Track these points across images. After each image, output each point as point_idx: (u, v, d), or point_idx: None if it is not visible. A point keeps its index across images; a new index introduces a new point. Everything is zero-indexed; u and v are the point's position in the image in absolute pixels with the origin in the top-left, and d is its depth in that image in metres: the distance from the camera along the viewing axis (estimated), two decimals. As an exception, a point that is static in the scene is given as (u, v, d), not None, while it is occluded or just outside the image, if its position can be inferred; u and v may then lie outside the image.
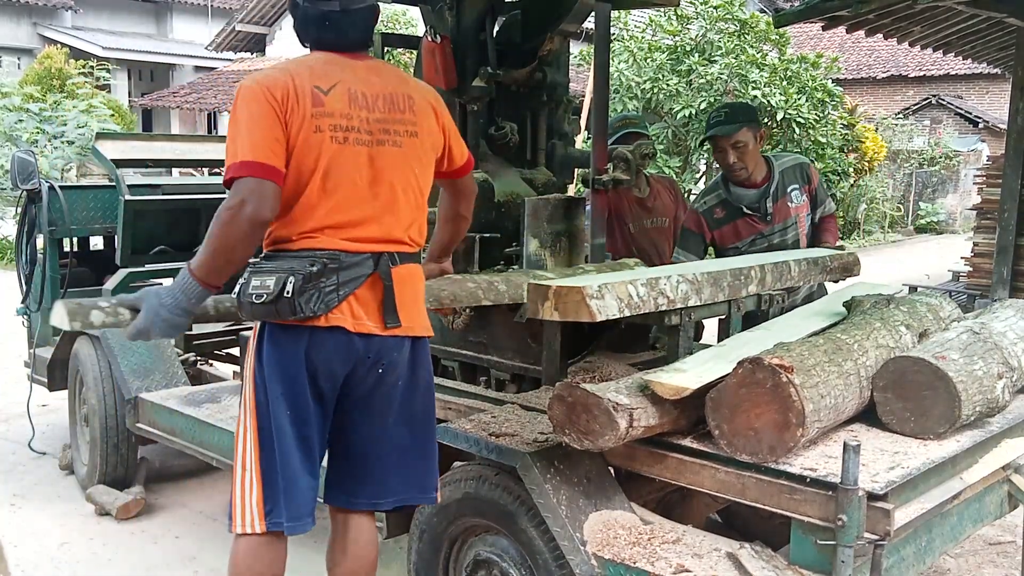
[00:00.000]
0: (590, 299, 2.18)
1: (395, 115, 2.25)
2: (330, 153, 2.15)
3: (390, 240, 2.23)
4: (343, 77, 2.20)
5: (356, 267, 2.17)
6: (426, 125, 2.32)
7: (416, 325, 2.29)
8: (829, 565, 1.90)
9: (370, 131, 2.21)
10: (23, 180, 4.53)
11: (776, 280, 2.83)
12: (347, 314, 2.16)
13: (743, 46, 13.16)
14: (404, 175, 2.26)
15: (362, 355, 2.20)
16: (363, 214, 2.19)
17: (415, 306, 2.30)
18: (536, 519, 2.23)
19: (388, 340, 2.22)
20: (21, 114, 12.42)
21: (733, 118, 3.52)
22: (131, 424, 3.97)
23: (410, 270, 2.28)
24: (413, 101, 2.30)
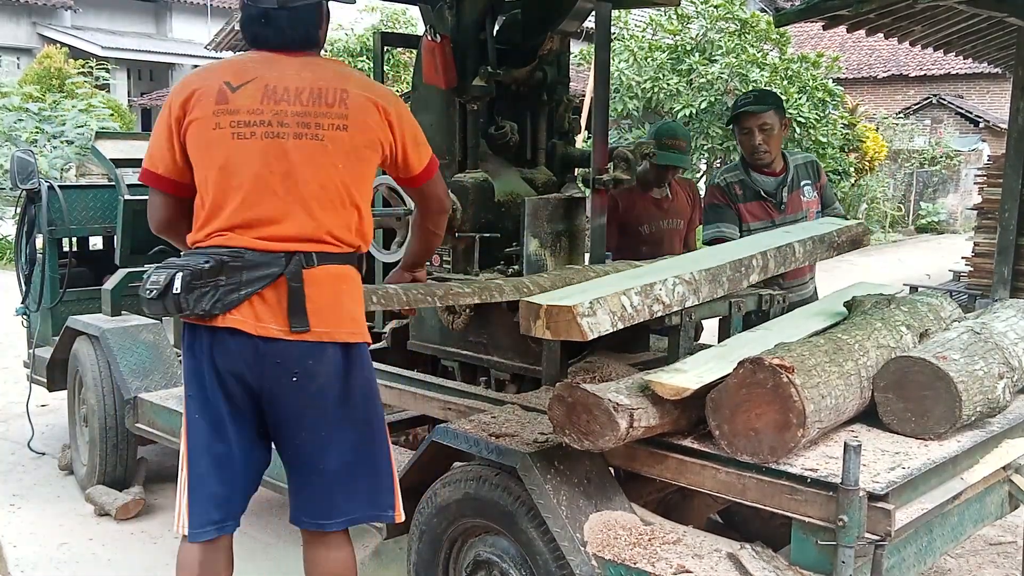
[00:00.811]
0: (581, 317, 2.15)
1: (320, 108, 2.14)
2: (231, 149, 2.11)
3: (307, 239, 2.12)
4: (263, 73, 2.15)
5: (262, 267, 2.08)
6: (360, 119, 2.16)
7: (337, 330, 2.15)
8: (830, 565, 1.89)
9: (284, 123, 2.12)
10: (22, 180, 4.53)
11: (780, 265, 2.78)
12: (248, 315, 2.08)
13: (744, 45, 13.16)
14: (325, 170, 2.14)
15: (270, 360, 2.11)
16: (274, 210, 2.11)
17: (335, 310, 2.15)
18: (536, 519, 2.23)
19: (298, 345, 2.11)
20: (20, 114, 12.42)
21: (763, 100, 3.63)
22: (130, 424, 3.96)
23: (330, 271, 2.14)
24: (347, 95, 2.16)
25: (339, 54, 14.82)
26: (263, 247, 2.10)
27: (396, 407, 3.46)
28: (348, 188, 2.18)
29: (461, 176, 3.22)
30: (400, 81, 13.70)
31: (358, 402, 2.22)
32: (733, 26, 13.55)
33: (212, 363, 2.14)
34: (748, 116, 3.60)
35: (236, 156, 2.11)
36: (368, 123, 2.18)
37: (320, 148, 2.13)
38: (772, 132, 3.58)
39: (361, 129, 2.17)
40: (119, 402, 4.00)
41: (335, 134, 2.14)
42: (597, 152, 3.04)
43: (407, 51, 11.71)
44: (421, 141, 2.33)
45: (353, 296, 2.22)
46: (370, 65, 14.10)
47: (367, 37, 14.55)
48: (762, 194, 3.64)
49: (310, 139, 2.13)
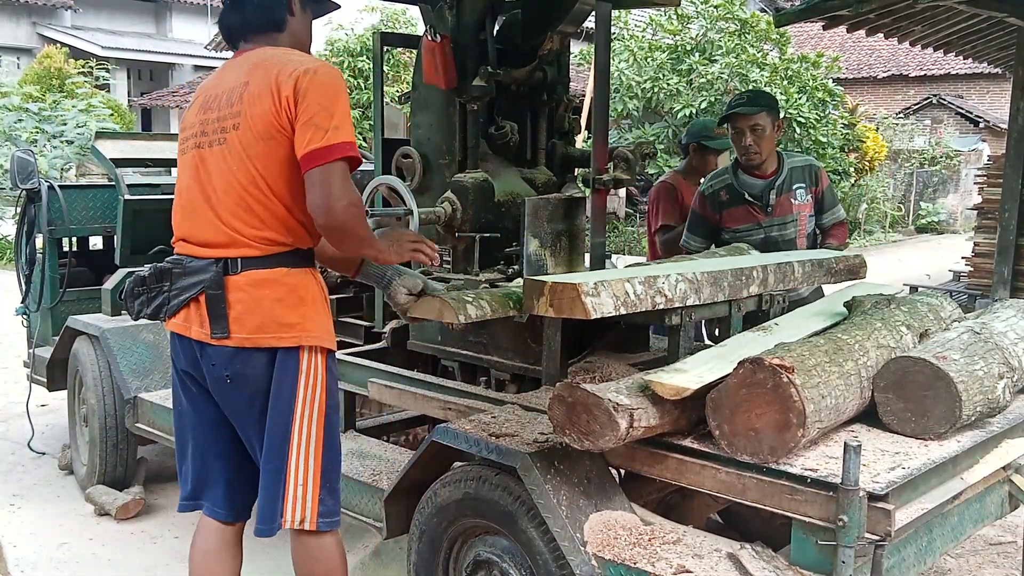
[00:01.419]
0: (585, 296, 2.17)
1: (228, 111, 2.16)
2: (179, 166, 2.29)
3: (226, 245, 2.16)
4: (208, 84, 2.26)
5: (196, 273, 2.18)
6: (251, 111, 2.11)
7: (260, 336, 2.15)
8: (830, 566, 1.89)
9: (206, 133, 2.20)
10: (22, 180, 4.53)
11: (779, 281, 2.82)
12: (184, 320, 2.21)
13: (744, 45, 13.17)
14: (228, 172, 2.15)
15: (207, 362, 2.21)
16: (200, 220, 2.19)
17: (256, 316, 2.15)
18: (536, 519, 2.22)
19: (223, 350, 2.16)
20: (20, 114, 12.43)
21: (755, 101, 3.65)
22: (130, 424, 3.96)
23: (252, 277, 2.15)
24: (247, 88, 2.13)
25: (339, 54, 14.83)
26: (199, 254, 2.20)
27: (396, 407, 3.46)
28: (248, 187, 2.14)
29: (461, 176, 3.22)
30: (400, 81, 13.71)
31: (282, 410, 2.21)
32: (733, 26, 13.56)
33: (174, 362, 2.36)
34: (739, 117, 3.63)
35: (180, 172, 2.29)
36: (258, 112, 2.11)
37: (224, 152, 2.17)
38: (763, 134, 3.60)
39: (252, 121, 2.12)
40: (119, 402, 4.00)
41: (233, 135, 2.15)
42: (597, 152, 3.04)
43: (407, 51, 11.71)
44: (320, 123, 2.06)
45: (281, 299, 2.17)
46: (370, 65, 14.13)
47: (367, 37, 14.55)
48: (747, 197, 3.67)
49: (219, 145, 2.18)
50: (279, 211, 2.16)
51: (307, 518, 2.22)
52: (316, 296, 2.25)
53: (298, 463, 2.21)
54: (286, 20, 2.26)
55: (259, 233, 2.16)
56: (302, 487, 2.21)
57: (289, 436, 2.21)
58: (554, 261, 3.13)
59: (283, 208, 2.16)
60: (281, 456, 2.21)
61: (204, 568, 2.35)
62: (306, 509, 2.22)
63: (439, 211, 3.12)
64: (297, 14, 2.27)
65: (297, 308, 2.19)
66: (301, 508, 2.21)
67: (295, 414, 2.20)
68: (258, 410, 2.22)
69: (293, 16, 2.27)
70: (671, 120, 13.31)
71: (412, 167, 3.34)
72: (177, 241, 2.30)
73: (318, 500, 2.23)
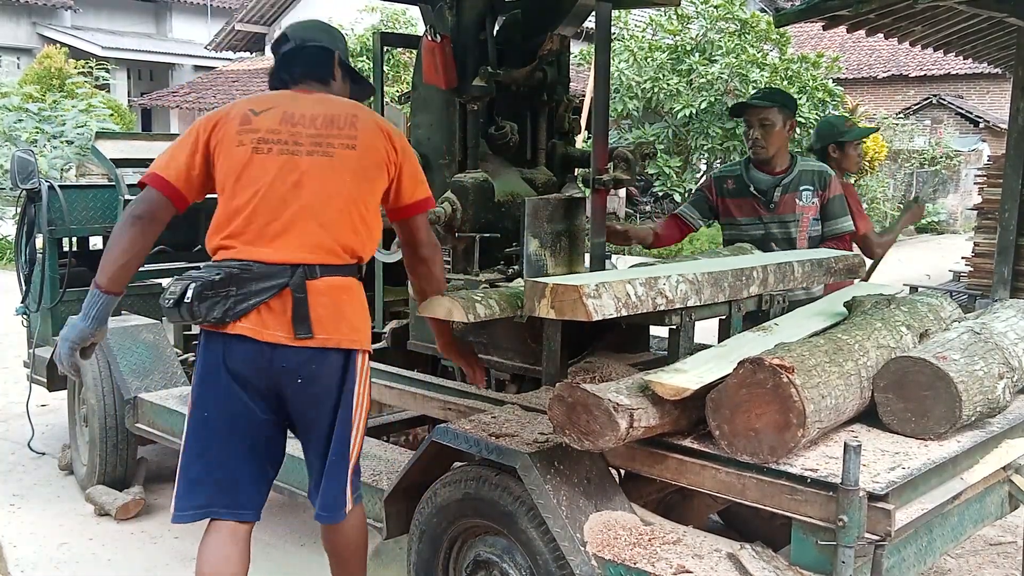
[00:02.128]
0: (587, 298, 2.17)
1: (332, 131, 2.33)
2: (250, 162, 2.28)
3: (311, 250, 2.27)
4: (281, 103, 2.37)
5: (269, 278, 2.24)
6: (368, 141, 2.34)
7: (337, 338, 2.30)
8: (830, 566, 1.89)
9: (299, 143, 2.30)
10: (22, 180, 4.53)
11: (779, 281, 2.83)
12: (256, 323, 2.25)
13: (744, 45, 13.16)
14: (332, 184, 2.30)
15: (277, 365, 2.27)
16: (282, 222, 2.26)
17: (334, 321, 2.29)
18: (536, 520, 2.22)
19: (302, 351, 2.26)
20: (20, 114, 12.42)
21: (769, 97, 3.73)
22: (130, 424, 3.96)
23: (332, 283, 2.29)
24: (357, 119, 2.36)
25: (339, 54, 14.80)
26: (270, 260, 2.25)
27: (396, 407, 3.46)
28: (355, 203, 2.33)
29: (461, 176, 3.22)
30: (400, 81, 13.71)
31: (348, 406, 2.35)
32: (733, 26, 13.56)
33: (224, 366, 2.29)
34: (750, 109, 3.69)
35: (254, 168, 2.28)
36: (376, 145, 2.36)
37: (329, 164, 2.30)
38: (772, 129, 3.64)
39: (369, 150, 2.35)
40: (119, 402, 4.00)
41: (344, 152, 2.32)
42: (597, 152, 3.04)
43: (407, 51, 11.71)
44: (421, 179, 2.49)
45: (353, 306, 2.36)
46: (370, 65, 14.13)
47: (367, 37, 14.56)
48: (752, 191, 3.70)
49: (321, 155, 2.30)
50: (360, 229, 2.35)
51: (354, 499, 2.44)
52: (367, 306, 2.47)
53: (353, 453, 2.40)
54: (330, 79, 2.50)
55: (347, 244, 2.32)
56: (353, 474, 2.43)
57: (352, 430, 2.38)
58: (554, 261, 3.12)
59: (364, 227, 2.36)
60: (348, 447, 2.38)
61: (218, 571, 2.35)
62: (354, 492, 2.44)
63: (439, 211, 3.12)
64: (338, 79, 2.52)
65: (361, 315, 2.40)
66: (352, 492, 2.43)
67: (357, 410, 2.38)
68: (328, 407, 2.34)
69: (335, 80, 2.50)
70: (671, 120, 13.31)
71: (412, 167, 3.34)
72: (234, 238, 2.28)
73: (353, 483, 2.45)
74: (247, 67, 20.88)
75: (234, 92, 19.18)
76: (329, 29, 2.59)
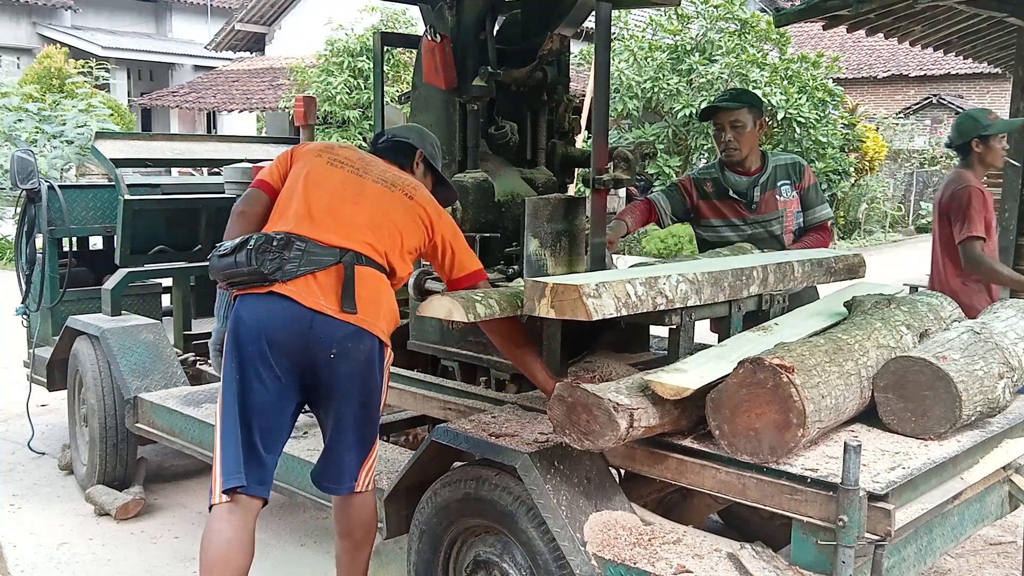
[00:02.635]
0: (587, 298, 2.17)
1: (396, 179, 2.63)
2: (322, 170, 2.57)
3: (362, 242, 2.46)
4: (365, 156, 2.71)
5: (320, 255, 2.41)
6: (420, 202, 2.61)
7: (374, 323, 2.43)
8: (830, 565, 1.89)
9: (367, 171, 2.61)
10: (22, 180, 4.53)
11: (779, 281, 2.83)
12: (303, 289, 2.37)
13: (744, 45, 13.16)
14: (389, 207, 2.55)
15: (316, 332, 2.36)
16: (339, 219, 2.48)
17: (373, 306, 2.44)
18: (536, 519, 2.23)
19: (343, 325, 2.38)
20: (20, 114, 12.42)
21: (737, 98, 3.68)
22: (130, 424, 3.96)
23: (374, 274, 2.46)
24: (416, 191, 2.64)
25: (339, 54, 14.84)
26: (325, 240, 2.43)
27: (396, 407, 3.46)
28: (400, 232, 2.55)
29: (461, 176, 3.22)
30: (400, 81, 13.71)
31: (372, 391, 2.48)
32: (733, 26, 13.56)
33: (263, 332, 2.37)
34: (720, 112, 3.66)
35: (324, 175, 2.57)
36: (423, 208, 2.61)
37: (389, 194, 2.58)
38: (743, 130, 3.62)
39: (420, 204, 2.61)
40: (119, 402, 4.00)
41: (402, 195, 2.60)
42: (597, 152, 3.04)
43: (407, 51, 11.71)
44: (464, 249, 2.70)
45: (390, 302, 2.51)
46: (370, 65, 14.14)
47: (367, 37, 14.55)
48: (732, 193, 3.68)
49: (384, 186, 2.59)
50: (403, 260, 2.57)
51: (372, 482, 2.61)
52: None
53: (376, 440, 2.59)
54: (410, 168, 2.77)
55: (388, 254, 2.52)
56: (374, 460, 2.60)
57: (376, 416, 2.55)
58: (554, 261, 3.12)
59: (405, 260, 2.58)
60: (368, 431, 2.54)
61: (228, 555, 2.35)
62: (372, 476, 2.60)
63: (439, 211, 3.12)
64: (418, 173, 2.78)
65: (393, 313, 2.54)
66: (370, 475, 2.58)
67: (382, 399, 2.55)
68: (355, 387, 2.45)
69: (414, 171, 2.77)
70: (671, 120, 13.31)
71: (412, 167, 3.34)
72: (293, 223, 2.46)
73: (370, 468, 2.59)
74: (247, 67, 20.86)
75: (234, 92, 19.17)
76: (422, 132, 2.88)
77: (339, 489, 2.57)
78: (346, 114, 14.38)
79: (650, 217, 3.78)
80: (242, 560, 2.37)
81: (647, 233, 13.10)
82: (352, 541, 2.63)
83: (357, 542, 2.63)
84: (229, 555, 2.34)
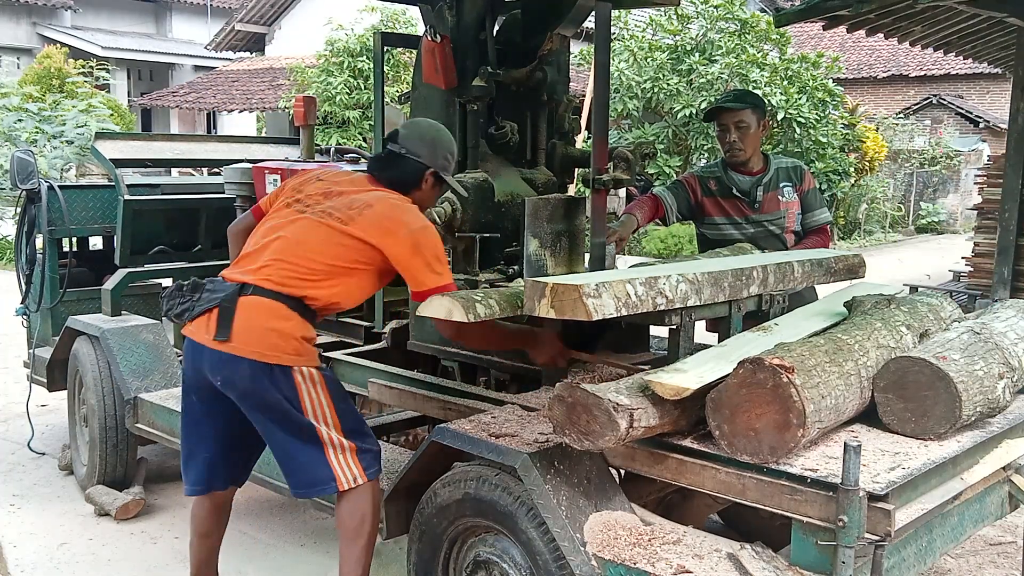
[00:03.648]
0: (587, 298, 2.17)
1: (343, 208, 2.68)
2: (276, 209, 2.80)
3: (257, 273, 2.62)
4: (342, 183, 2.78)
5: (222, 292, 2.61)
6: (355, 231, 2.64)
7: (248, 348, 2.55)
8: (830, 566, 1.89)
9: (315, 205, 2.71)
10: (22, 180, 4.53)
11: (779, 281, 2.83)
12: (200, 327, 2.61)
13: (744, 46, 13.17)
14: (308, 234, 2.66)
15: (205, 364, 2.61)
16: (254, 252, 2.69)
17: (248, 333, 2.56)
18: (536, 519, 2.23)
19: (216, 354, 2.57)
20: (20, 114, 12.42)
21: (741, 99, 3.72)
22: (130, 424, 3.96)
23: (261, 302, 2.59)
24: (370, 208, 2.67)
25: (339, 54, 14.84)
26: (229, 278, 2.66)
27: (396, 407, 3.46)
28: (316, 258, 2.63)
29: (461, 176, 3.22)
30: (400, 81, 13.71)
31: (278, 412, 2.60)
32: (733, 26, 13.56)
33: (185, 362, 2.73)
34: (724, 113, 3.69)
35: (273, 214, 2.79)
36: (361, 234, 2.64)
37: (315, 225, 2.67)
38: (748, 131, 3.66)
39: (355, 233, 2.64)
40: (119, 402, 3.99)
41: (335, 225, 2.65)
42: (597, 152, 3.04)
43: (407, 51, 11.70)
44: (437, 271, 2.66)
45: (277, 327, 2.59)
46: (370, 65, 14.13)
47: (367, 37, 14.55)
48: (735, 192, 3.72)
49: (317, 218, 2.68)
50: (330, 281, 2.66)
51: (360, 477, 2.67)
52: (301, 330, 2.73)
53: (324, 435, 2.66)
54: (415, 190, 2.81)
55: (291, 280, 2.63)
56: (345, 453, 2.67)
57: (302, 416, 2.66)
58: (554, 261, 3.12)
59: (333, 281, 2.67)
60: (305, 429, 2.65)
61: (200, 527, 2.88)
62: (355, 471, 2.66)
63: (439, 211, 3.12)
64: (425, 188, 2.82)
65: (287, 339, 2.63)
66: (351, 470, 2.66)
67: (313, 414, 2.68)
68: (253, 403, 2.67)
69: (421, 189, 2.81)
70: (671, 120, 13.31)
71: (412, 167, 3.34)
72: (234, 264, 2.76)
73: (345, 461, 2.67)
74: (247, 67, 20.85)
75: (234, 92, 19.17)
76: (436, 142, 2.82)
77: (311, 492, 2.72)
78: (346, 114, 14.38)
79: (657, 212, 3.79)
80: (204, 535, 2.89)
81: (647, 233, 13.11)
82: (345, 532, 2.70)
83: (349, 534, 2.69)
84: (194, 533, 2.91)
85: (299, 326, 2.63)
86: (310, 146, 4.35)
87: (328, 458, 2.63)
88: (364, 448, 2.69)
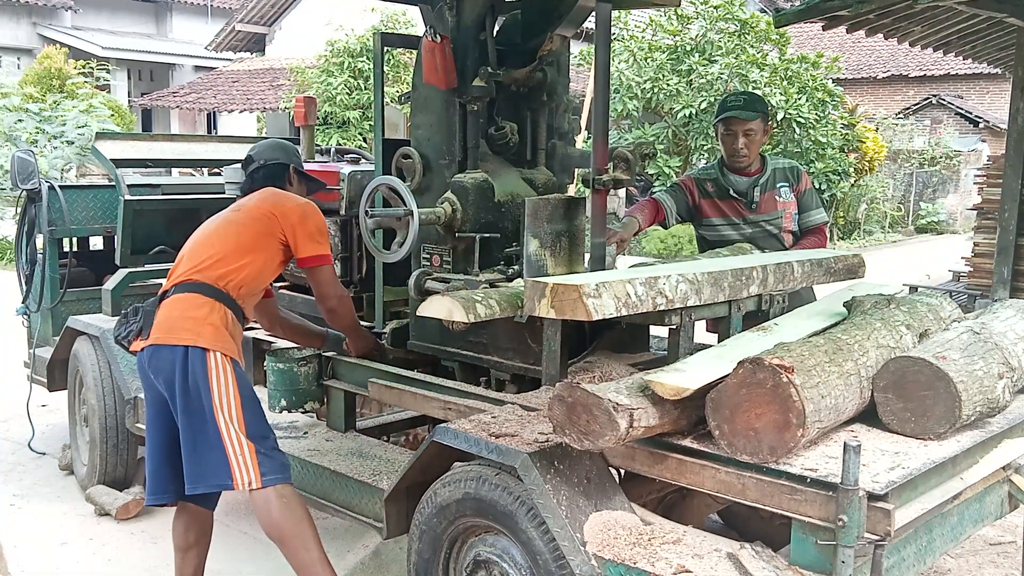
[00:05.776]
0: (587, 297, 2.18)
1: (236, 207, 3.12)
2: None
3: (178, 275, 2.95)
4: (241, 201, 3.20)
5: (150, 306, 2.93)
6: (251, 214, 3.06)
7: (167, 336, 2.80)
8: (829, 565, 1.89)
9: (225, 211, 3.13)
10: (23, 180, 4.54)
11: (778, 281, 2.83)
12: (139, 343, 2.89)
13: (743, 46, 13.17)
14: (213, 232, 3.04)
15: (147, 368, 2.84)
16: (172, 269, 3.02)
17: (170, 322, 2.84)
18: (536, 519, 2.23)
19: (148, 350, 2.83)
20: (21, 114, 12.43)
21: (752, 106, 3.74)
22: (131, 424, 3.96)
23: (178, 297, 2.89)
24: (250, 201, 3.14)
25: (339, 55, 14.84)
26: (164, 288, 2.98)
27: (396, 407, 3.46)
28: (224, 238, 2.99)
29: (461, 176, 3.22)
30: (400, 81, 13.72)
31: (191, 400, 2.76)
32: (733, 27, 13.56)
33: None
34: (736, 121, 3.72)
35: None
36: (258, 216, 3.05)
37: (225, 217, 3.09)
38: (755, 138, 3.72)
39: (258, 207, 3.08)
40: (119, 402, 4.00)
41: (242, 210, 3.09)
42: (597, 152, 3.04)
43: (407, 51, 11.70)
44: (318, 241, 3.10)
45: (192, 314, 2.84)
46: (370, 66, 14.13)
47: (367, 37, 14.56)
48: (732, 193, 3.75)
49: (228, 213, 3.10)
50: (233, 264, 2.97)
51: (257, 480, 2.76)
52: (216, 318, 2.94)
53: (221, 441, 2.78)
54: (287, 186, 3.27)
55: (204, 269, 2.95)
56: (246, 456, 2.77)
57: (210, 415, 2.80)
58: (554, 261, 3.12)
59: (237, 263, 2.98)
60: (209, 428, 2.79)
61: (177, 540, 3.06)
62: (252, 473, 2.76)
63: (439, 211, 3.12)
64: (295, 184, 3.29)
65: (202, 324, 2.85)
66: (248, 473, 2.75)
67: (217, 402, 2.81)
68: (176, 395, 2.85)
69: (291, 185, 3.28)
70: (671, 120, 13.31)
71: (412, 167, 3.34)
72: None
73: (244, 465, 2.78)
74: (247, 67, 20.86)
75: (234, 92, 19.18)
76: (285, 147, 3.35)
77: (202, 485, 2.79)
78: (346, 115, 14.39)
79: (657, 216, 3.82)
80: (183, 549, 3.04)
81: (647, 233, 13.11)
82: (273, 540, 2.81)
83: (276, 542, 2.79)
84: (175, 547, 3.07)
85: (214, 313, 2.85)
86: (310, 146, 4.35)
87: (227, 455, 2.74)
88: (263, 452, 2.77)
